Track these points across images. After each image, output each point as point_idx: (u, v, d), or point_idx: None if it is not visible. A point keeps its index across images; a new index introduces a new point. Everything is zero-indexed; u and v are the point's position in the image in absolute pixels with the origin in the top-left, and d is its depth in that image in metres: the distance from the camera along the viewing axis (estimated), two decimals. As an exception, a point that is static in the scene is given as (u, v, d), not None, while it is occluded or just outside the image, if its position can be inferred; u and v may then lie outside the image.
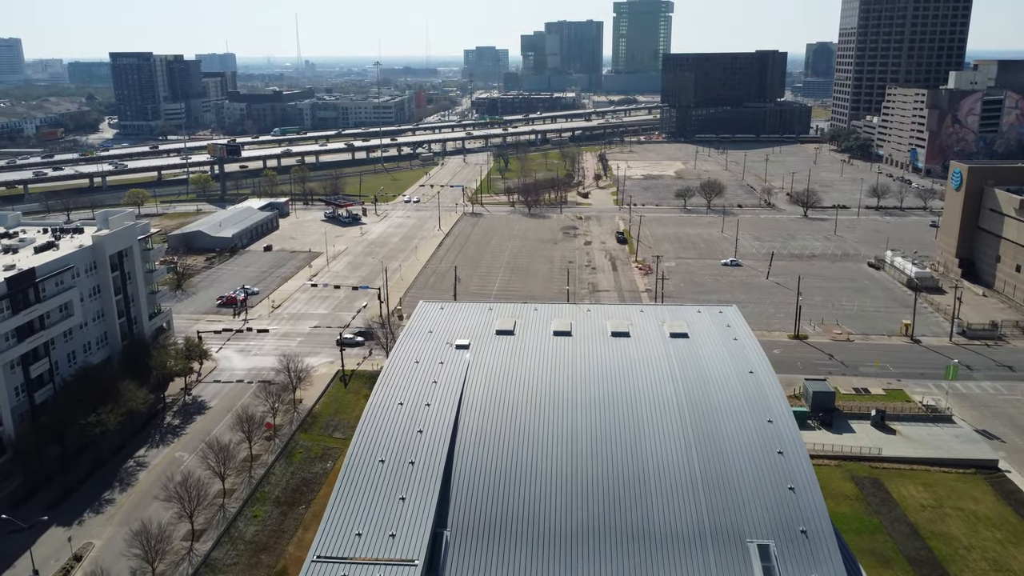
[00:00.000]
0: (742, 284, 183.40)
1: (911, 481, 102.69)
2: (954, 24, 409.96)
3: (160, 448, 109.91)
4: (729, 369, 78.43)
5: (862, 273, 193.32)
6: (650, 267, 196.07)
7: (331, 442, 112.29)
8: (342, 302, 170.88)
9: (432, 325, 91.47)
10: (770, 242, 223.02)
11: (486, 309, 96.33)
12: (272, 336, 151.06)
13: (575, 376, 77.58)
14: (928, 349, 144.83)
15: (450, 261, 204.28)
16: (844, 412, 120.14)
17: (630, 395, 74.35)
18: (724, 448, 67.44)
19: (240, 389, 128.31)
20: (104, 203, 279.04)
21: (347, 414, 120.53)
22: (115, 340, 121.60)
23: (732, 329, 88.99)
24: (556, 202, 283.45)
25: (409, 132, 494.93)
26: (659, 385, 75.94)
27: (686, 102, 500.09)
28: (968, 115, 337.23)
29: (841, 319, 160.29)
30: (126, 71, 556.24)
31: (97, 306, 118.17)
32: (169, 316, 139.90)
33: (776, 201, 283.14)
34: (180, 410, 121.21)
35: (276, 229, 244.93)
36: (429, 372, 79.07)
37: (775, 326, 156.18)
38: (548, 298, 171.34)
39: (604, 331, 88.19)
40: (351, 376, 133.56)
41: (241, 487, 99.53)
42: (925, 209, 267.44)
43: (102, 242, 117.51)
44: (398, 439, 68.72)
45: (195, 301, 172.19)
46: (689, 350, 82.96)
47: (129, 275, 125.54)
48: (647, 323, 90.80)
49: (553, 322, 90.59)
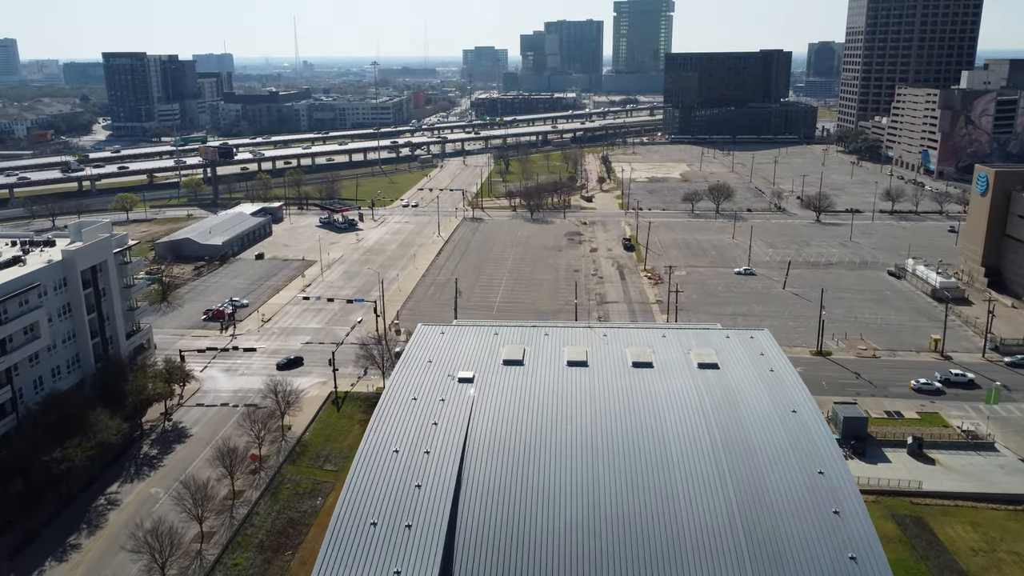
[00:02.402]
0: (758, 295, 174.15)
1: (957, 519, 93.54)
2: (964, 23, 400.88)
3: (135, 483, 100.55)
4: (768, 408, 69.25)
5: (883, 282, 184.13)
6: (660, 276, 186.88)
7: (321, 475, 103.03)
8: (336, 316, 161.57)
9: (432, 353, 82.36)
10: (784, 249, 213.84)
11: (492, 333, 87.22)
12: (260, 354, 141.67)
13: (594, 417, 68.42)
14: (961, 367, 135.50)
15: (450, 270, 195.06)
16: (877, 439, 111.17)
17: (657, 442, 65.16)
18: (771, 507, 58.22)
19: (225, 414, 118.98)
20: (92, 208, 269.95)
21: (339, 442, 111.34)
22: (88, 363, 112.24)
23: (767, 358, 79.86)
24: (559, 206, 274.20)
25: (408, 134, 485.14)
26: (690, 429, 66.75)
27: (689, 102, 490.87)
28: (982, 116, 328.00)
29: (865, 333, 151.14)
30: (119, 71, 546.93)
31: (67, 327, 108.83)
32: (149, 334, 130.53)
33: (787, 205, 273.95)
34: (159, 438, 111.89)
35: (269, 235, 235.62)
36: (429, 411, 69.92)
37: (796, 341, 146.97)
38: (554, 311, 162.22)
39: (624, 361, 79.04)
40: (344, 399, 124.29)
41: (221, 529, 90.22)
42: (941, 213, 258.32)
43: (73, 257, 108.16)
44: (393, 496, 59.50)
45: (181, 315, 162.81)
46: (721, 385, 73.78)
47: (104, 291, 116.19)
48: (671, 351, 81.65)
49: (566, 350, 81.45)
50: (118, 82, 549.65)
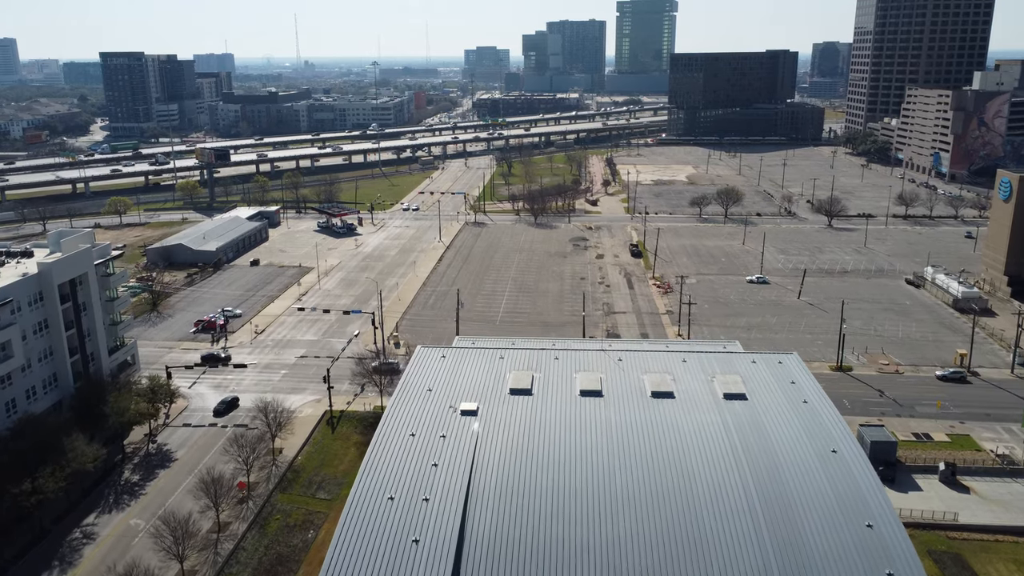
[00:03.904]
0: (772, 305, 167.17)
1: (999, 556, 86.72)
2: (976, 23, 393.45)
3: (113, 513, 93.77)
4: (805, 447, 62.36)
5: (901, 292, 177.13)
6: (669, 285, 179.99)
7: (314, 504, 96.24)
8: (332, 327, 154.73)
9: (432, 379, 75.53)
10: (796, 256, 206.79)
11: (497, 357, 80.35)
12: (252, 369, 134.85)
13: (611, 459, 61.59)
14: (990, 384, 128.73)
15: (451, 278, 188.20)
16: (907, 464, 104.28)
17: (683, 489, 58.27)
18: (815, 570, 51.28)
19: (213, 435, 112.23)
20: (84, 211, 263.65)
21: (334, 467, 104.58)
22: (66, 382, 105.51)
23: (798, 387, 72.93)
24: (563, 210, 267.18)
25: (408, 135, 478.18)
26: (719, 474, 59.86)
27: (694, 103, 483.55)
28: (995, 118, 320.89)
29: (886, 347, 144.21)
30: (116, 71, 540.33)
31: (43, 344, 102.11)
32: (134, 349, 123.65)
33: (797, 209, 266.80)
34: (142, 462, 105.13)
35: (265, 240, 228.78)
36: (428, 450, 63.08)
37: (814, 355, 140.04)
38: (560, 323, 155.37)
39: (642, 390, 72.18)
40: (340, 418, 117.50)
41: (204, 567, 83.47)
42: (956, 218, 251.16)
43: (49, 269, 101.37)
44: (388, 554, 52.64)
45: (171, 326, 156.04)
46: (751, 419, 66.89)
47: (84, 306, 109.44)
48: (693, 378, 74.78)
49: (578, 377, 74.60)
50: (115, 82, 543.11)
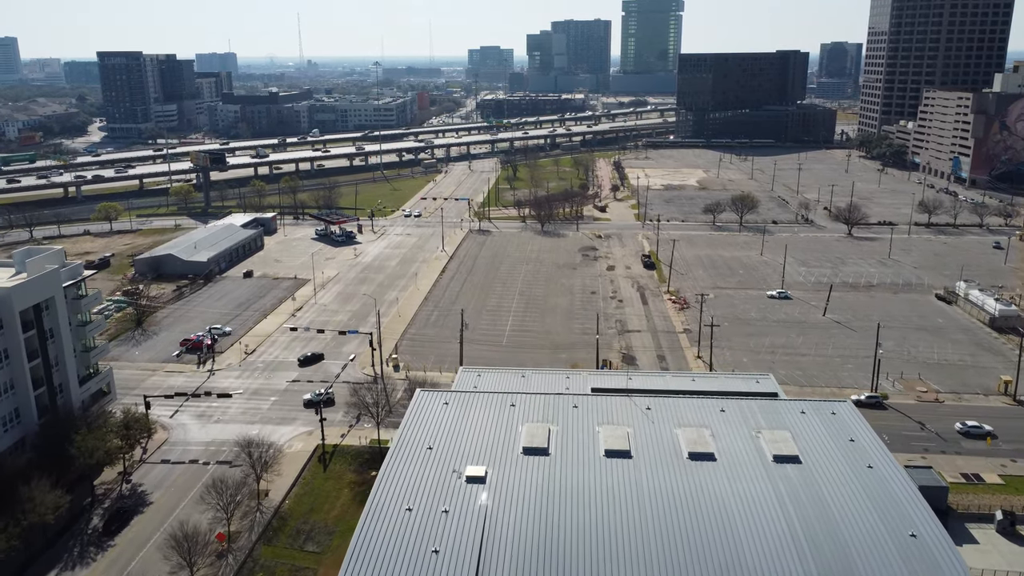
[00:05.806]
0: (797, 324, 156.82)
1: (1072, 625, 76.53)
2: (994, 23, 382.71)
3: (76, 570, 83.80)
4: (879, 531, 52.10)
5: (932, 308, 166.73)
6: (685, 300, 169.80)
7: (301, 558, 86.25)
8: (327, 347, 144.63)
9: (433, 435, 65.45)
10: (818, 268, 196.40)
11: (507, 405, 70.26)
12: (239, 398, 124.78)
13: (646, 539, 51.54)
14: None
15: (455, 292, 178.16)
16: (959, 511, 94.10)
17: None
18: None
19: (193, 473, 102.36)
20: (72, 217, 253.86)
21: (324, 512, 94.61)
22: (29, 418, 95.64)
23: (859, 448, 62.68)
24: (571, 217, 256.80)
25: (411, 137, 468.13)
26: (776, 560, 49.68)
27: (703, 104, 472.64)
28: (1017, 121, 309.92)
29: (923, 371, 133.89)
30: (114, 71, 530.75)
31: (3, 378, 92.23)
32: (109, 377, 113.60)
33: (815, 217, 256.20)
34: (112, 506, 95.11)
35: (260, 249, 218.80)
36: (427, 531, 52.95)
37: (845, 380, 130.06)
38: (570, 343, 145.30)
39: (676, 449, 62.08)
40: (332, 454, 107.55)
41: (174, 639, 73.59)
42: (982, 227, 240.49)
43: (8, 295, 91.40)
44: None
45: (155, 345, 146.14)
46: (808, 490, 56.69)
47: (51, 332, 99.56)
48: (735, 434, 64.61)
49: (602, 432, 64.51)
50: (113, 82, 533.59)
